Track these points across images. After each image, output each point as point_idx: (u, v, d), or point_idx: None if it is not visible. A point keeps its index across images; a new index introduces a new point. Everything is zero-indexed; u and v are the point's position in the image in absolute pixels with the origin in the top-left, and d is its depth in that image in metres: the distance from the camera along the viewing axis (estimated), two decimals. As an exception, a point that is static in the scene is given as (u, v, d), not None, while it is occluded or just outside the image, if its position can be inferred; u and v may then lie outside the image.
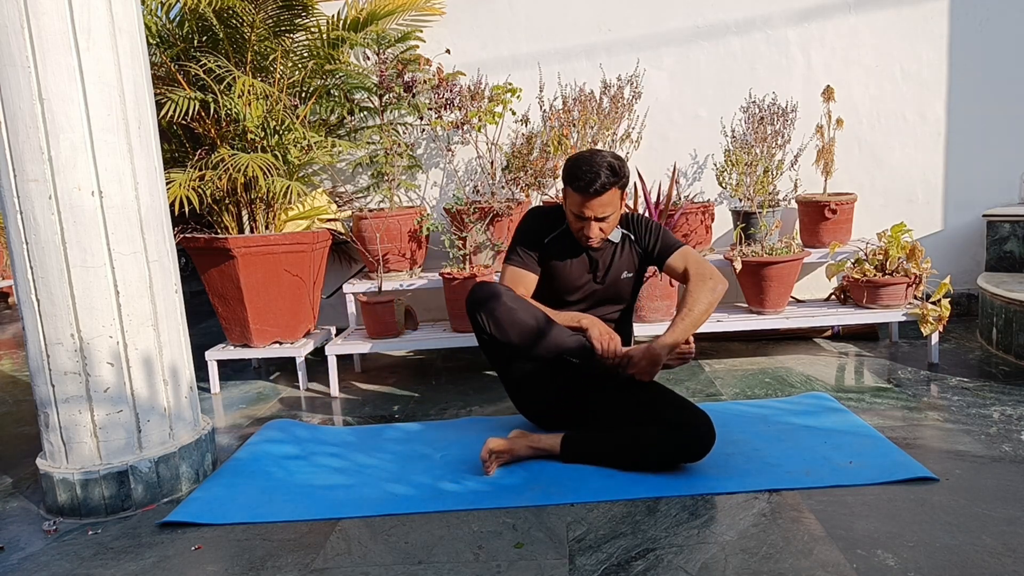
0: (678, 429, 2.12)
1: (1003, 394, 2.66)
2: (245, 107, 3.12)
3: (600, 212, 2.27)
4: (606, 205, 2.26)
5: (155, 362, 2.18)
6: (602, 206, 2.26)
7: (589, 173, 2.22)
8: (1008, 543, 1.68)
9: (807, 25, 3.70)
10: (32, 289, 2.05)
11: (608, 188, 2.24)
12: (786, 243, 3.29)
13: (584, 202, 2.25)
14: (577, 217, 2.31)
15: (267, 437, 2.62)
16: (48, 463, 2.17)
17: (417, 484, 2.17)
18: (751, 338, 3.60)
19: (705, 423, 2.12)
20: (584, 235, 2.32)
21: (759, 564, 1.66)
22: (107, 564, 1.85)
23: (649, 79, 3.73)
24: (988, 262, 3.66)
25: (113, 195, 2.06)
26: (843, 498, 1.94)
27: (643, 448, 2.16)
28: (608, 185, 2.23)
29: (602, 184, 2.22)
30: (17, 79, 1.94)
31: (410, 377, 3.40)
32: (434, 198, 3.92)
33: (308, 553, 1.83)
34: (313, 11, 3.42)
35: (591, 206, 2.26)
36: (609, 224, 2.32)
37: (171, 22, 3.35)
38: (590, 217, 2.28)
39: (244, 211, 3.37)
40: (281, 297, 3.28)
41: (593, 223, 2.29)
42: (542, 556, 1.75)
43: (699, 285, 2.31)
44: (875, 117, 3.75)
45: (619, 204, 2.32)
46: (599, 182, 2.21)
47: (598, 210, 2.27)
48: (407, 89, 3.45)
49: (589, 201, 2.24)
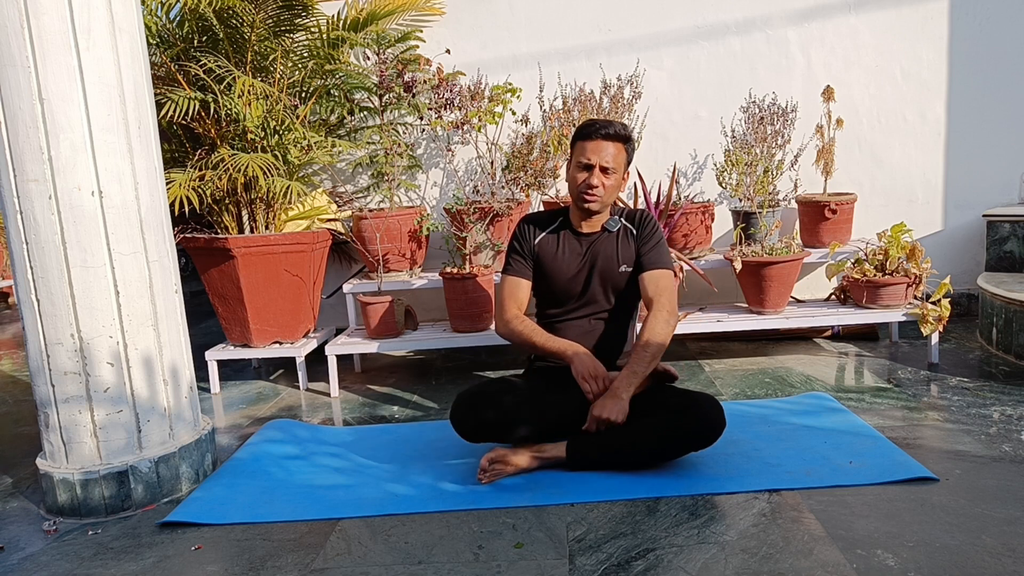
0: (685, 412, 2.11)
1: (1003, 394, 2.66)
2: (245, 107, 3.12)
3: (605, 161, 2.27)
4: (612, 156, 2.27)
5: (155, 362, 2.18)
6: (608, 155, 2.27)
7: (600, 122, 2.29)
8: (1008, 543, 1.68)
9: (807, 25, 3.70)
10: (32, 289, 2.05)
11: (616, 138, 2.27)
12: (786, 243, 3.29)
13: (592, 147, 2.27)
14: (581, 167, 2.30)
15: (267, 437, 2.62)
16: (48, 463, 2.17)
17: (417, 484, 2.17)
18: (751, 338, 3.60)
19: (712, 403, 2.12)
20: (586, 186, 2.29)
21: (759, 564, 1.66)
22: (107, 564, 1.85)
23: (649, 79, 3.73)
24: (988, 262, 3.66)
25: (113, 195, 2.06)
26: (843, 498, 1.94)
27: (651, 440, 2.13)
28: (617, 135, 2.27)
29: (613, 131, 2.26)
30: (17, 79, 1.94)
31: (410, 377, 3.40)
32: (434, 198, 3.92)
33: (308, 553, 1.83)
34: (313, 11, 3.42)
35: (598, 149, 2.26)
36: (611, 183, 2.30)
37: (171, 22, 3.35)
38: (595, 164, 2.27)
39: (244, 211, 3.37)
40: (281, 297, 3.28)
41: (596, 172, 2.28)
42: (542, 556, 1.75)
43: (657, 316, 2.25)
44: (875, 117, 3.75)
45: (623, 167, 2.33)
46: (611, 128, 2.27)
47: (604, 157, 2.27)
48: (407, 89, 3.45)
49: (597, 143, 2.26)
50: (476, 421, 2.21)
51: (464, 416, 2.22)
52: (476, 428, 2.22)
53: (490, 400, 2.22)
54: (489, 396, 2.24)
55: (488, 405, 2.22)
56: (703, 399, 2.14)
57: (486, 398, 2.23)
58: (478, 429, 2.22)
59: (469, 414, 2.22)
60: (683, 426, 2.11)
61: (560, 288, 2.43)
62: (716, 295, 3.57)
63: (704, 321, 3.25)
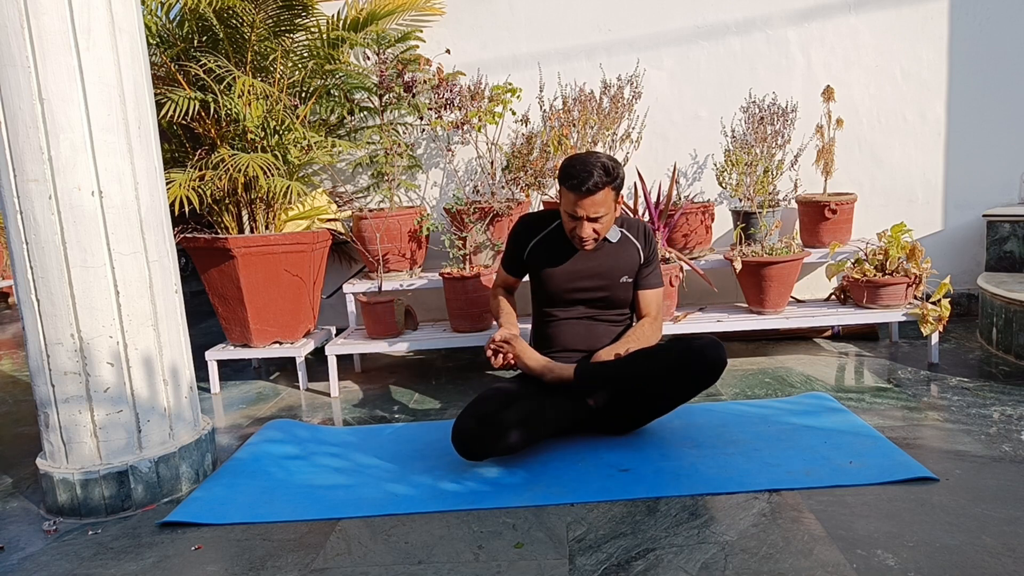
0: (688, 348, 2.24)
1: (1003, 394, 2.66)
2: (245, 107, 3.12)
3: (593, 212, 2.28)
4: (599, 205, 2.27)
5: (155, 362, 2.18)
6: (595, 205, 2.27)
7: (582, 172, 2.24)
8: (1008, 543, 1.68)
9: (807, 25, 3.70)
10: (32, 289, 2.05)
11: (601, 188, 2.25)
12: (786, 243, 3.29)
13: (577, 201, 2.26)
14: (570, 217, 2.32)
15: (267, 437, 2.62)
16: (48, 463, 2.17)
17: (417, 484, 2.17)
18: (751, 338, 3.60)
19: (713, 341, 2.24)
20: (577, 236, 2.33)
21: (759, 564, 1.66)
22: (107, 564, 1.85)
23: (649, 79, 3.73)
24: (988, 262, 3.66)
25: (113, 195, 2.06)
26: (843, 498, 1.94)
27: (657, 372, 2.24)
28: (601, 185, 2.24)
29: (595, 183, 2.23)
30: (17, 79, 1.94)
31: (410, 377, 3.40)
32: (434, 198, 3.92)
33: (308, 553, 1.83)
34: (313, 11, 3.42)
35: (583, 205, 2.26)
36: (603, 225, 2.33)
37: (171, 22, 3.35)
38: (583, 217, 2.29)
39: (244, 211, 3.37)
40: (281, 297, 3.28)
41: (586, 223, 2.30)
42: (542, 556, 1.75)
43: (652, 326, 2.45)
44: (875, 117, 3.75)
45: (613, 205, 2.33)
46: (592, 181, 2.23)
47: (590, 209, 2.27)
48: (407, 89, 3.45)
49: (581, 200, 2.26)
50: (483, 452, 2.18)
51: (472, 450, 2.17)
52: (483, 455, 2.20)
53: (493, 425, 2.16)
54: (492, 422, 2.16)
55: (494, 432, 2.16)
56: (705, 337, 2.29)
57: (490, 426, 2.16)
58: (485, 455, 2.20)
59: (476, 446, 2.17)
60: (687, 360, 2.22)
61: (555, 292, 2.45)
62: (716, 295, 3.57)
63: (704, 321, 3.25)
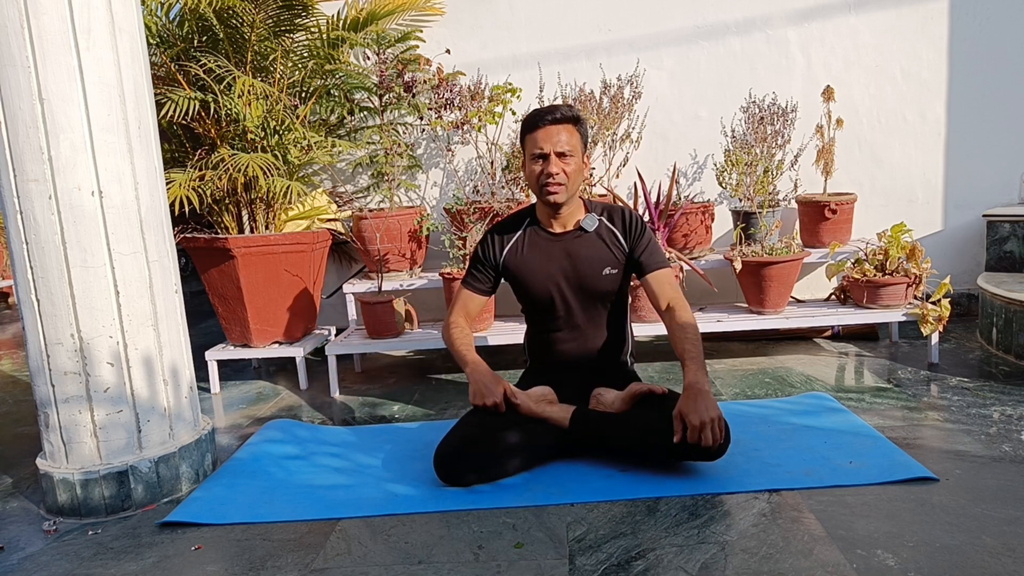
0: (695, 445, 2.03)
1: (1003, 394, 2.66)
2: (245, 107, 3.13)
3: (558, 146, 2.18)
4: (565, 141, 2.19)
5: (155, 362, 2.18)
6: (560, 140, 2.18)
7: (545, 110, 2.22)
8: (1008, 543, 1.68)
9: (807, 25, 3.70)
10: (32, 289, 2.05)
11: (566, 120, 2.19)
12: (786, 243, 3.29)
13: (542, 135, 2.18)
14: (536, 158, 2.21)
15: (267, 437, 2.62)
16: (48, 463, 2.17)
17: (417, 484, 2.17)
18: (751, 338, 3.60)
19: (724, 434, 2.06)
20: (545, 176, 2.20)
21: (759, 564, 1.66)
22: (107, 564, 1.85)
23: (649, 79, 3.73)
24: (988, 262, 3.66)
25: (113, 195, 2.06)
26: (843, 498, 1.94)
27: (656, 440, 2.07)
28: (565, 118, 2.19)
29: (561, 115, 2.18)
30: (17, 79, 1.94)
31: (410, 377, 3.40)
32: (434, 198, 3.92)
33: (308, 553, 1.83)
34: (313, 11, 3.42)
35: (548, 136, 2.18)
36: (571, 168, 2.21)
37: (171, 22, 3.35)
38: (549, 152, 2.19)
39: (244, 211, 3.37)
40: (281, 297, 3.28)
41: (553, 159, 2.19)
42: (542, 556, 1.75)
43: (687, 314, 2.24)
44: (875, 117, 3.75)
45: (580, 150, 2.24)
46: (557, 112, 2.19)
47: (556, 142, 2.18)
48: (407, 89, 3.45)
49: (547, 129, 2.18)
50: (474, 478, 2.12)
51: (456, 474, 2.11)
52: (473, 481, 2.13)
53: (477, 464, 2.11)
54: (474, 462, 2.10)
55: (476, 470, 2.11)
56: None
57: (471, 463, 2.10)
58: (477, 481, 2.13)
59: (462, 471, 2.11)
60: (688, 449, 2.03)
61: (538, 295, 2.35)
62: (716, 295, 3.57)
63: (704, 321, 3.25)
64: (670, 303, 2.28)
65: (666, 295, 2.29)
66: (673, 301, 2.28)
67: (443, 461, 2.11)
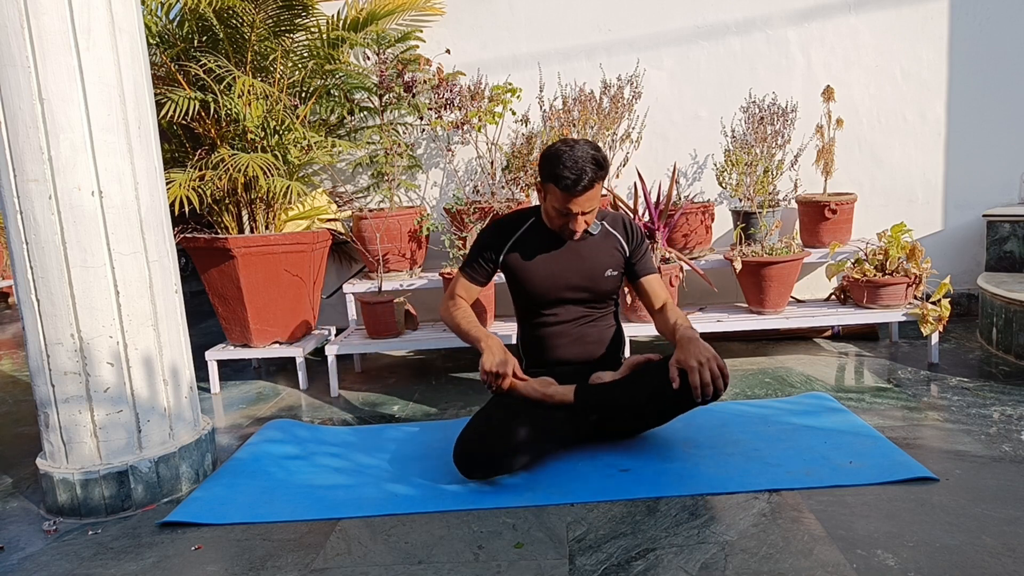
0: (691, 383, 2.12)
1: (1003, 394, 2.66)
2: (245, 107, 3.13)
3: (587, 207, 2.24)
4: (592, 199, 2.24)
5: (155, 362, 2.18)
6: (589, 201, 2.23)
7: (574, 171, 2.16)
8: (1008, 543, 1.68)
9: (807, 25, 3.70)
10: (32, 289, 2.05)
11: (595, 184, 2.21)
12: (786, 243, 3.29)
13: (570, 199, 2.21)
14: (561, 214, 2.26)
15: (267, 437, 2.62)
16: (48, 463, 2.17)
17: (417, 484, 2.17)
18: (751, 338, 3.60)
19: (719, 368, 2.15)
20: (569, 230, 2.28)
21: (759, 564, 1.66)
22: (107, 564, 1.85)
23: (649, 79, 3.73)
24: (988, 262, 3.66)
25: (113, 195, 2.06)
26: (843, 498, 1.94)
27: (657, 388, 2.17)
28: (595, 181, 2.21)
29: (590, 180, 2.19)
30: (17, 79, 1.94)
31: (410, 377, 3.40)
32: (434, 198, 3.92)
33: (308, 553, 1.83)
34: (313, 11, 3.42)
35: (578, 203, 2.22)
36: (592, 214, 2.29)
37: (171, 22, 3.35)
38: (577, 213, 2.24)
39: (244, 211, 3.37)
40: (281, 297, 3.28)
41: (579, 218, 2.26)
42: (542, 556, 1.75)
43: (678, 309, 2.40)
44: (875, 117, 3.75)
45: (600, 194, 2.29)
46: (587, 179, 2.17)
47: (585, 205, 2.23)
48: (407, 89, 3.45)
49: (576, 199, 2.21)
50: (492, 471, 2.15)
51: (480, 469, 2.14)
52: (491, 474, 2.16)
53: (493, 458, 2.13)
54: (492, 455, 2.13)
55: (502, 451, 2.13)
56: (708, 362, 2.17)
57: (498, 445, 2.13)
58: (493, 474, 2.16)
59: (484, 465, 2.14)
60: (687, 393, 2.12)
61: (538, 293, 2.40)
62: (716, 295, 3.57)
63: (704, 321, 3.25)
64: (665, 303, 2.43)
65: (661, 296, 2.44)
66: (667, 301, 2.44)
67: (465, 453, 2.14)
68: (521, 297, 2.46)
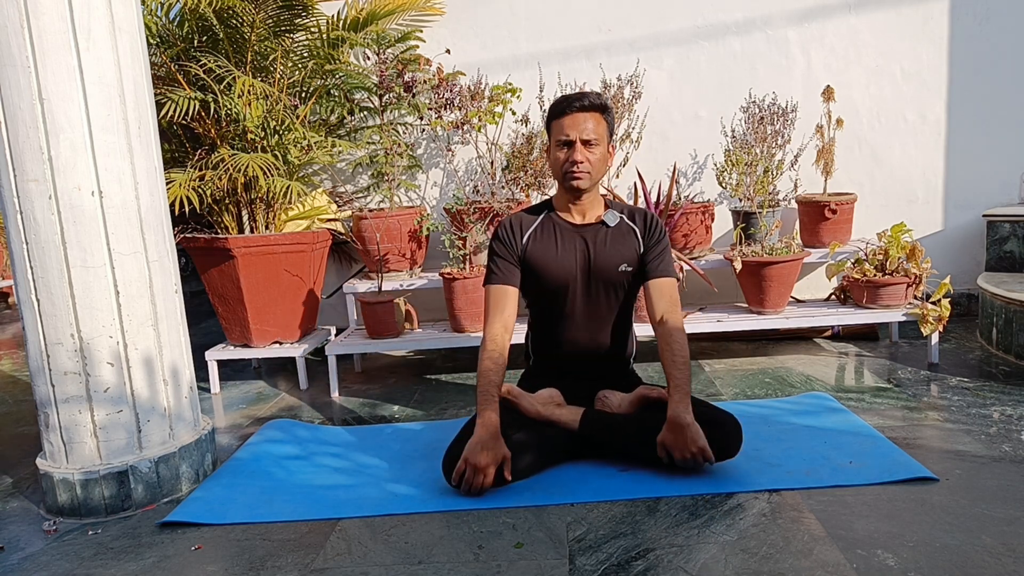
0: (708, 426, 2.08)
1: (1003, 394, 2.66)
2: (245, 107, 3.13)
3: (585, 134, 2.17)
4: (591, 129, 2.18)
5: (155, 362, 2.18)
6: (587, 128, 2.17)
7: (572, 96, 2.20)
8: (1008, 543, 1.68)
9: (807, 25, 3.70)
10: (32, 289, 2.05)
11: (594, 108, 2.17)
12: (786, 243, 3.29)
13: (568, 122, 2.17)
14: (562, 144, 2.20)
15: (267, 437, 2.62)
16: (48, 463, 2.17)
17: (417, 484, 2.17)
18: (751, 338, 3.60)
19: (732, 420, 2.13)
20: (570, 163, 2.20)
21: (759, 564, 1.66)
22: (107, 564, 1.85)
23: (649, 79, 3.73)
24: (988, 262, 3.66)
25: (113, 195, 2.06)
26: (843, 498, 1.94)
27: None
28: (593, 105, 2.17)
29: (589, 102, 2.16)
30: (17, 79, 1.94)
31: (410, 377, 3.40)
32: (434, 198, 3.92)
33: (308, 553, 1.83)
34: (313, 11, 3.42)
35: (575, 123, 2.17)
36: (596, 156, 2.21)
37: (171, 22, 3.35)
38: (575, 139, 2.17)
39: (244, 211, 3.37)
40: (281, 297, 3.28)
41: (579, 146, 2.18)
42: (542, 556, 1.75)
43: (680, 333, 2.20)
44: (875, 117, 3.75)
45: (605, 138, 2.23)
46: (586, 99, 2.17)
47: (583, 130, 2.17)
48: (407, 89, 3.45)
49: (574, 116, 2.16)
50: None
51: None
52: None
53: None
54: None
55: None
56: (726, 419, 2.13)
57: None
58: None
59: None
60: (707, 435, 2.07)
61: (553, 286, 2.32)
62: (716, 295, 3.57)
63: (704, 321, 3.25)
64: (664, 316, 2.24)
65: (662, 307, 2.26)
66: (667, 315, 2.24)
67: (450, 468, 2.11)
68: (533, 290, 2.37)
